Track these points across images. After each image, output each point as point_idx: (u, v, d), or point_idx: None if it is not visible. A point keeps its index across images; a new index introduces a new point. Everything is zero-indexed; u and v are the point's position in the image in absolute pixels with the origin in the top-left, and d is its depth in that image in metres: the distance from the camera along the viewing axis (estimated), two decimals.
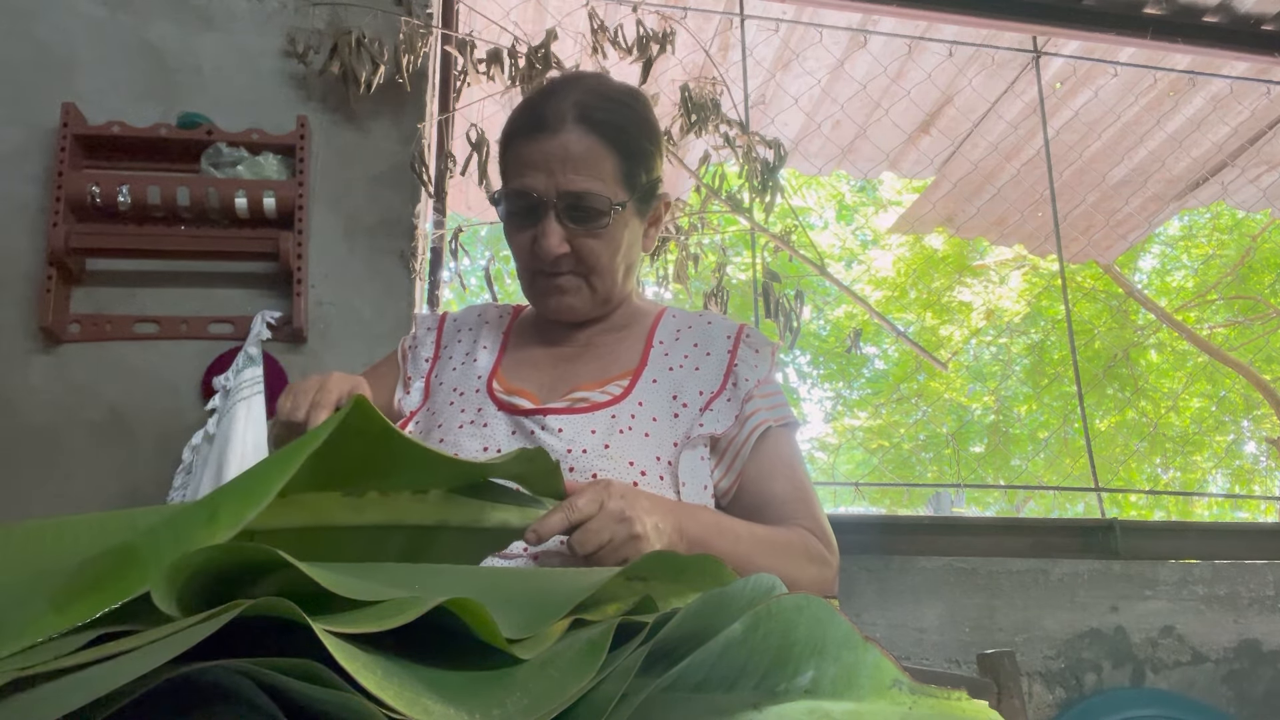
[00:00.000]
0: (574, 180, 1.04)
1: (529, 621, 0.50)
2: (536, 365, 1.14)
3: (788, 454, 1.12)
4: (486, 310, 1.27)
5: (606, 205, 1.05)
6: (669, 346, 1.15)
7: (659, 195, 1.14)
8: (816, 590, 1.03)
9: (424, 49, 2.26)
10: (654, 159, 1.11)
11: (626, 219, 1.08)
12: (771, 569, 0.96)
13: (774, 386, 1.15)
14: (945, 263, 7.82)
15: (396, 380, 1.21)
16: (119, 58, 2.21)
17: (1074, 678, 2.29)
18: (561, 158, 1.04)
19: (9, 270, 2.06)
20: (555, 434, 1.02)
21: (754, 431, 1.10)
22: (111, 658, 0.41)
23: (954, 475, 7.89)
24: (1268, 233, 7.22)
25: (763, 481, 1.09)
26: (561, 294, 1.10)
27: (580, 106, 1.06)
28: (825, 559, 1.05)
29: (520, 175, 1.06)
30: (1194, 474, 7.85)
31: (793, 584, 0.98)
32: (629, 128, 1.08)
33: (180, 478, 1.94)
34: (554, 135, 1.04)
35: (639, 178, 1.08)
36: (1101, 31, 3.03)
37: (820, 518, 1.09)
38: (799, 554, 1.03)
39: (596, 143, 1.05)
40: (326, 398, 0.94)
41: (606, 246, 1.07)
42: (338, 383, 0.96)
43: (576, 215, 1.05)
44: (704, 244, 2.62)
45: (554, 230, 1.05)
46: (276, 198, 2.08)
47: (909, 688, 0.53)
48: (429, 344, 1.22)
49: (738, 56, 2.99)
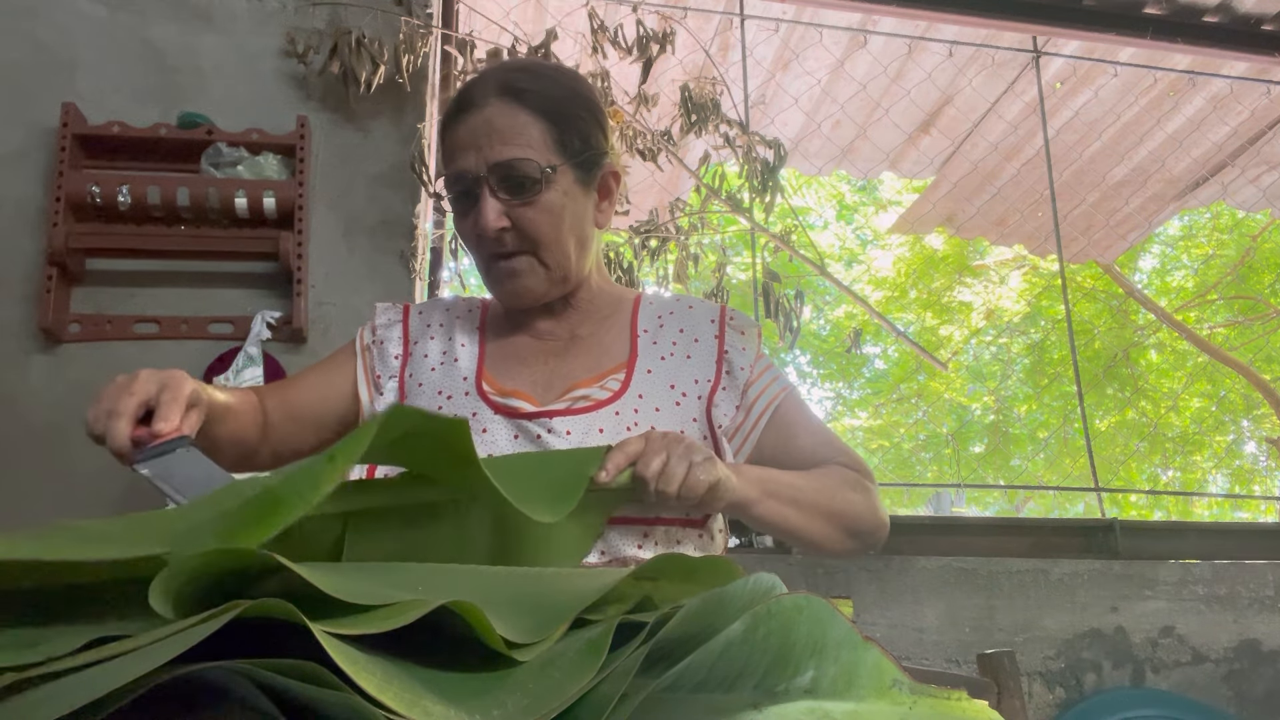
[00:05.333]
0: (501, 150, 1.02)
1: (537, 625, 0.50)
2: (524, 362, 1.12)
3: (797, 413, 1.14)
4: (454, 304, 1.23)
5: (537, 170, 1.02)
6: (655, 334, 1.14)
7: (603, 166, 1.10)
8: (869, 513, 1.07)
9: (424, 49, 2.26)
10: (589, 127, 1.08)
11: (565, 186, 1.05)
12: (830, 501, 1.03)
13: (764, 363, 1.16)
14: (945, 263, 7.82)
15: (354, 372, 1.16)
16: (119, 58, 2.21)
17: (1074, 678, 2.29)
18: (486, 131, 1.03)
19: (9, 270, 2.06)
20: (563, 437, 1.01)
21: (762, 415, 1.12)
22: (111, 658, 0.41)
23: (954, 475, 7.89)
24: (1268, 233, 7.21)
25: (782, 445, 1.12)
26: (515, 277, 1.08)
27: (501, 81, 1.05)
28: (865, 485, 1.09)
29: (454, 160, 1.06)
30: (1194, 474, 7.85)
31: (849, 509, 1.05)
32: (554, 94, 1.06)
33: None
34: (479, 111, 1.04)
35: (572, 143, 1.05)
36: (1101, 31, 3.03)
37: (846, 449, 1.14)
38: (846, 485, 1.07)
39: (519, 110, 1.03)
40: (126, 404, 0.88)
41: (547, 216, 1.04)
42: (143, 385, 0.91)
43: (509, 185, 1.03)
44: (704, 244, 2.62)
45: (490, 205, 1.03)
46: (276, 198, 2.07)
47: (909, 688, 0.53)
48: (395, 339, 1.17)
49: (738, 56, 2.99)
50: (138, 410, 0.89)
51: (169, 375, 0.93)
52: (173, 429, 0.89)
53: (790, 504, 1.01)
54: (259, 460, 1.15)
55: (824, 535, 1.05)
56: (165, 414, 0.89)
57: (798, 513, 1.02)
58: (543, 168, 1.03)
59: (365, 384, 1.15)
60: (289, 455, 1.17)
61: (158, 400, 0.90)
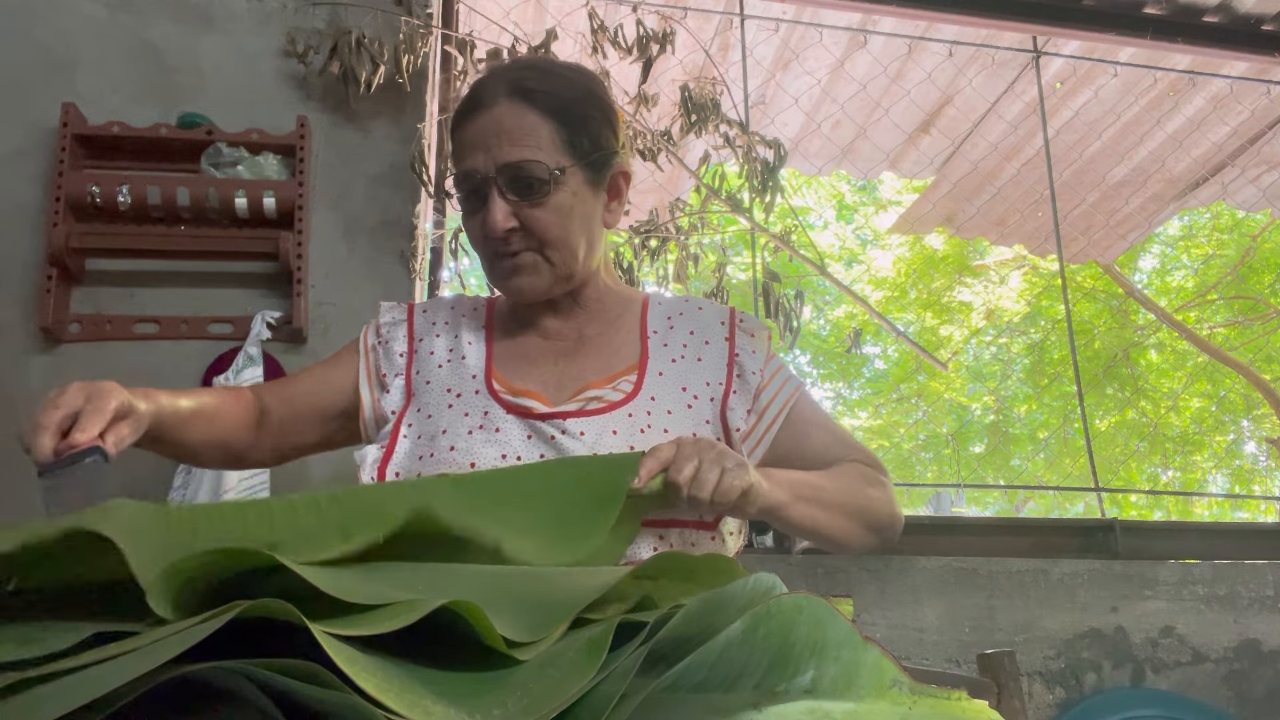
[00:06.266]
0: (510, 151, 1.02)
1: (537, 624, 0.50)
2: (533, 361, 1.12)
3: (810, 412, 1.16)
4: (459, 302, 1.22)
5: (546, 172, 1.02)
6: (665, 336, 1.14)
7: (613, 166, 1.10)
8: (888, 507, 1.09)
9: (424, 49, 2.26)
10: (600, 127, 1.08)
11: (574, 187, 1.05)
12: (854, 499, 1.06)
13: (775, 364, 1.16)
14: (945, 263, 7.82)
15: (356, 370, 1.16)
16: (119, 58, 2.21)
17: (1074, 678, 2.29)
18: (496, 132, 1.03)
19: (9, 270, 2.06)
20: (578, 438, 1.01)
21: (777, 418, 1.13)
22: (111, 658, 0.41)
23: (954, 475, 7.89)
24: (1268, 233, 7.21)
25: (796, 444, 1.13)
26: (519, 273, 1.07)
27: (512, 81, 1.05)
28: (881, 481, 1.11)
29: (462, 159, 1.06)
30: (1194, 474, 7.85)
31: (871, 505, 1.07)
32: (565, 95, 1.06)
33: (180, 477, 1.93)
34: (488, 111, 1.04)
35: (581, 144, 1.05)
36: (1101, 31, 3.03)
37: (859, 445, 1.16)
38: (866, 482, 1.09)
39: (529, 111, 1.03)
40: (50, 418, 0.88)
41: (555, 216, 1.04)
42: (70, 397, 0.90)
43: (518, 186, 1.03)
44: (704, 244, 2.62)
45: (498, 205, 1.03)
46: (276, 198, 2.07)
47: (909, 688, 0.53)
48: (400, 338, 1.16)
49: (738, 56, 2.99)
50: (63, 423, 0.89)
51: (97, 387, 0.92)
52: (88, 440, 0.88)
53: (817, 505, 1.02)
54: (255, 457, 1.15)
55: (848, 533, 1.06)
56: (83, 424, 0.89)
57: (824, 513, 1.03)
58: (551, 169, 1.03)
59: (367, 384, 1.15)
60: (292, 450, 1.18)
61: (81, 411, 0.90)
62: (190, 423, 1.04)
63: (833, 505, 1.04)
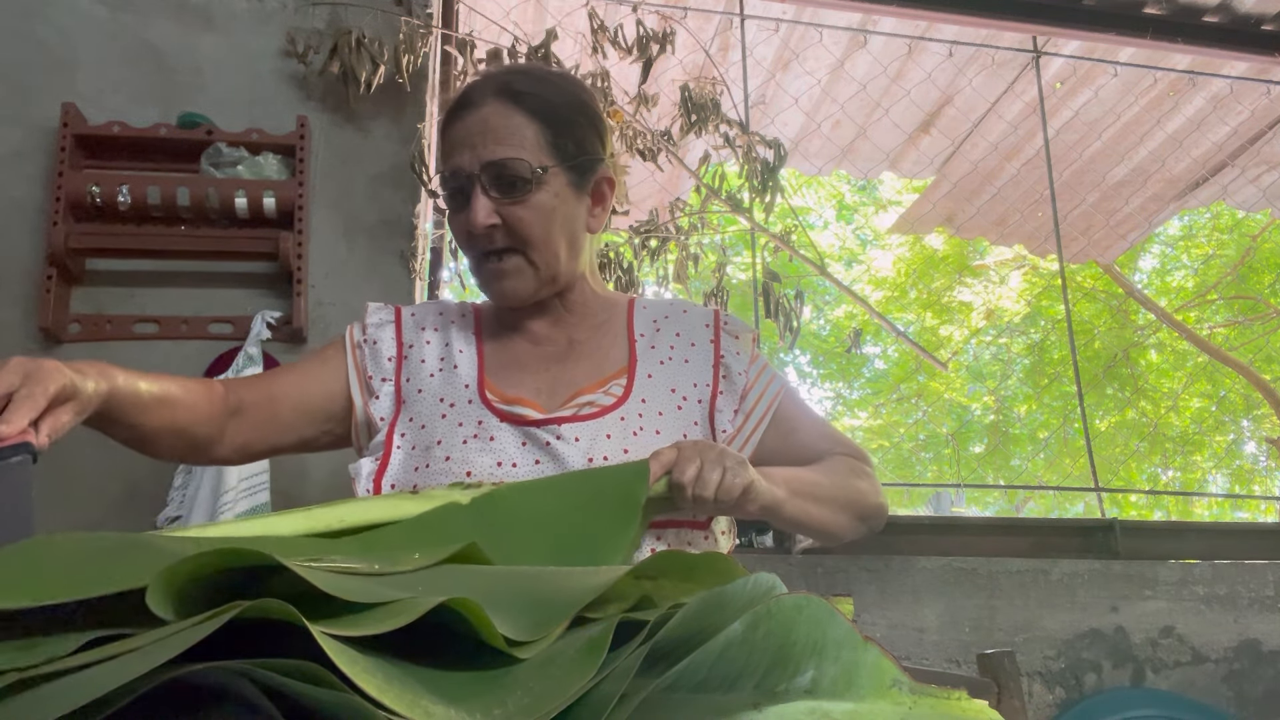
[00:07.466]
0: (494, 150, 1.04)
1: (537, 623, 0.50)
2: (524, 368, 1.12)
3: (794, 409, 1.18)
4: (446, 308, 1.22)
5: (528, 171, 1.04)
6: (652, 339, 1.16)
7: (598, 171, 1.11)
8: (875, 496, 1.13)
9: (424, 49, 2.26)
10: (586, 132, 1.10)
11: (556, 188, 1.06)
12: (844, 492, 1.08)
13: (759, 365, 1.18)
14: (945, 263, 7.82)
15: (345, 369, 1.14)
16: (119, 58, 2.21)
17: (1074, 678, 2.29)
18: (481, 130, 1.05)
19: (9, 270, 2.06)
20: (573, 443, 1.02)
21: (763, 418, 1.14)
22: (111, 658, 0.41)
23: (954, 475, 7.89)
24: (1268, 233, 7.21)
25: (782, 441, 1.15)
26: (504, 277, 1.09)
27: (501, 83, 1.07)
28: (867, 472, 1.15)
29: (449, 157, 1.08)
30: (1194, 474, 7.85)
31: (861, 497, 1.10)
32: (552, 98, 1.08)
33: (180, 477, 1.93)
34: (476, 111, 1.06)
35: (566, 147, 1.07)
36: (1101, 31, 3.03)
37: (842, 438, 1.19)
38: (853, 474, 1.13)
39: (516, 111, 1.05)
40: None
41: (537, 216, 1.05)
42: (6, 379, 0.82)
43: (500, 184, 1.04)
44: (704, 244, 2.62)
45: (481, 203, 1.04)
46: (276, 198, 2.07)
47: (909, 688, 0.53)
48: (388, 340, 1.16)
49: (738, 56, 2.99)
50: None
51: (37, 365, 0.85)
52: (15, 432, 0.80)
53: (812, 500, 1.05)
54: (219, 452, 1.10)
55: (840, 524, 1.10)
56: (10, 416, 0.81)
57: (819, 507, 1.06)
58: (534, 168, 1.04)
59: (358, 384, 1.14)
60: (265, 450, 1.14)
61: (15, 395, 0.82)
62: (150, 406, 1.00)
63: (826, 499, 1.07)
